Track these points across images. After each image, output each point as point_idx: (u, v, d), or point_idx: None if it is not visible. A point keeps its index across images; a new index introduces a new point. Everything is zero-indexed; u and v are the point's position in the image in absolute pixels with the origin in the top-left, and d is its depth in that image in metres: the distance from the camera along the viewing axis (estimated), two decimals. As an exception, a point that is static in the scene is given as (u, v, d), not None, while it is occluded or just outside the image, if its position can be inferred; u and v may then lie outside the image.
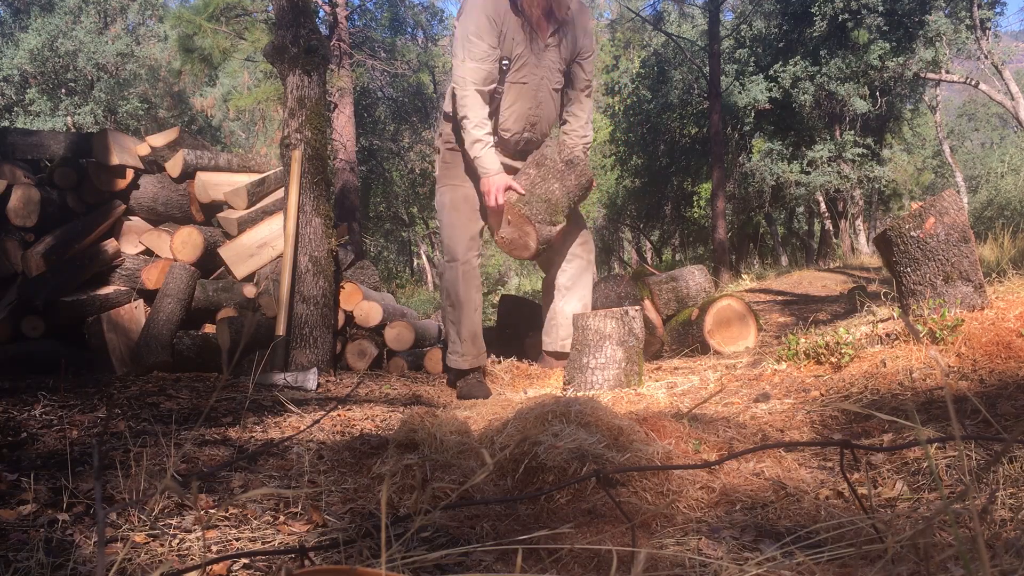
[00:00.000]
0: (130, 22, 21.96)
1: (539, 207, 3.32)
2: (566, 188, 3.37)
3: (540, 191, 3.33)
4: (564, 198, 3.37)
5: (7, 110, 19.10)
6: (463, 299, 3.43)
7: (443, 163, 3.56)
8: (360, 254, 6.65)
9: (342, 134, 12.49)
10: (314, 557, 1.29)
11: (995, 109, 25.53)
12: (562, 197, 3.36)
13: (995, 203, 19.86)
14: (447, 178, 3.53)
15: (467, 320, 3.43)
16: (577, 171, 3.42)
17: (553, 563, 1.25)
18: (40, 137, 4.34)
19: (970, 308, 2.72)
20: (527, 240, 3.36)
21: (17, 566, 1.22)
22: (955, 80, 15.53)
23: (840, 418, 2.14)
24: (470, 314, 3.44)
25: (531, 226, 3.31)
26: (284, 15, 4.02)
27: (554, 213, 3.35)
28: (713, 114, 13.67)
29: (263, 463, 1.94)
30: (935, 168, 22.28)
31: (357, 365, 4.20)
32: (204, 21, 11.75)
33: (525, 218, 3.30)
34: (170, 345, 3.84)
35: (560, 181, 3.36)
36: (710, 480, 1.62)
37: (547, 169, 3.37)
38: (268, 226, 4.32)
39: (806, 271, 10.63)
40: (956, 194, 2.92)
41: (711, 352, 4.07)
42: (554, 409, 1.83)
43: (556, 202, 3.34)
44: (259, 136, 21.39)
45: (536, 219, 3.30)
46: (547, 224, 3.34)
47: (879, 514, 1.38)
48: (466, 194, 3.48)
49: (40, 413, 2.47)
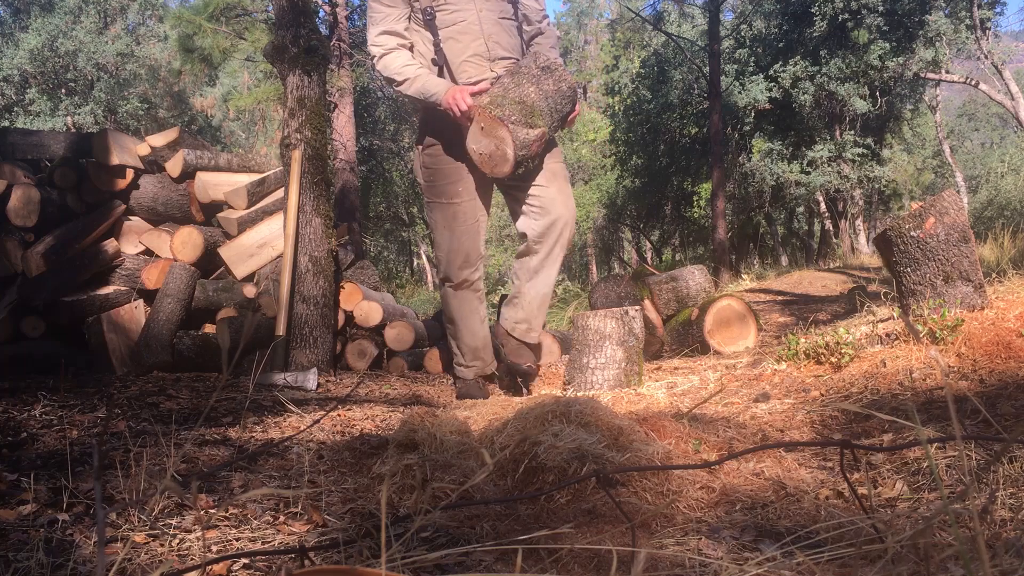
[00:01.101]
0: (130, 22, 21.97)
1: (513, 108, 2.92)
2: (543, 91, 3.00)
3: (514, 95, 2.95)
4: (542, 101, 2.99)
5: (7, 110, 19.11)
6: (458, 318, 3.32)
7: (426, 181, 3.31)
8: (360, 254, 6.65)
9: (342, 134, 12.49)
10: (314, 557, 1.29)
11: (995, 109, 25.53)
12: (539, 100, 2.98)
13: (995, 203, 19.87)
14: (432, 194, 3.28)
15: (467, 336, 3.33)
16: (555, 76, 3.03)
17: (553, 563, 1.25)
18: (40, 137, 4.34)
19: (970, 308, 2.72)
20: (504, 148, 2.94)
21: (17, 566, 1.22)
22: (955, 80, 15.53)
23: (840, 418, 2.14)
24: (469, 331, 3.32)
25: (505, 129, 2.90)
26: (284, 15, 4.02)
27: (531, 115, 2.95)
28: (713, 114, 13.67)
29: (263, 463, 1.94)
30: (935, 168, 22.27)
31: (357, 365, 4.20)
32: (204, 21, 11.75)
33: (498, 120, 2.90)
34: (170, 345, 3.84)
35: (536, 84, 2.99)
36: (710, 480, 1.62)
37: (521, 75, 3.01)
38: (268, 226, 4.32)
39: (806, 271, 10.63)
40: (956, 194, 2.92)
41: (711, 352, 4.07)
42: (554, 409, 1.83)
43: (532, 104, 2.95)
44: (259, 136, 21.40)
45: (510, 119, 2.90)
46: (523, 126, 2.93)
47: (879, 514, 1.38)
48: (456, 211, 3.20)
49: (40, 413, 2.47)
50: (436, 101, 3.00)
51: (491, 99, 2.93)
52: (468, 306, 3.30)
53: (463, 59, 3.06)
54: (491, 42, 3.07)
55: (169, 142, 4.35)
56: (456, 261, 3.22)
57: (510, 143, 2.91)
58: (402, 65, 3.02)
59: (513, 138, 2.90)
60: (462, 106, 2.93)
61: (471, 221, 3.22)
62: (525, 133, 2.93)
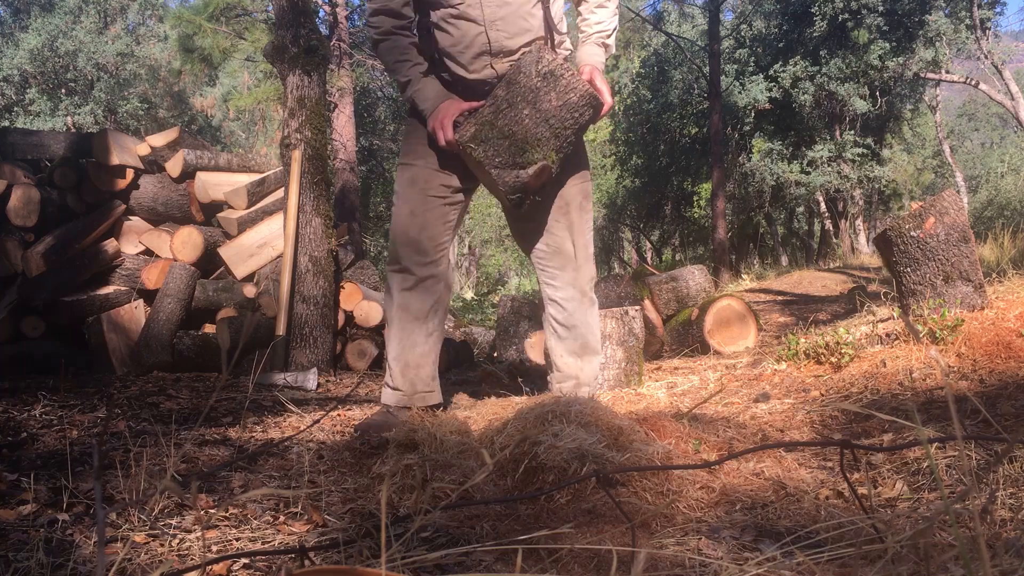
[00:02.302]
0: (130, 22, 21.98)
1: (499, 145, 2.29)
2: (542, 112, 2.28)
3: (502, 122, 2.29)
4: (540, 126, 2.28)
5: (7, 110, 19.11)
6: (396, 319, 2.46)
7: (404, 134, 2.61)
8: (360, 254, 6.65)
9: (342, 134, 12.49)
10: (314, 557, 1.29)
11: (995, 109, 25.53)
12: (536, 125, 2.27)
13: (995, 203, 19.88)
14: (402, 153, 2.56)
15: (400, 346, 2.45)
16: (560, 87, 2.28)
17: (553, 563, 1.25)
18: (40, 137, 4.34)
19: (970, 308, 2.72)
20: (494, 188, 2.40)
21: (17, 566, 1.22)
22: (955, 80, 15.53)
23: (840, 418, 2.14)
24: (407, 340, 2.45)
25: (484, 173, 2.35)
26: (284, 15, 4.03)
27: (521, 151, 2.29)
28: (713, 114, 13.68)
29: (263, 463, 1.95)
30: (935, 168, 22.28)
31: (357, 365, 4.20)
32: (204, 21, 11.76)
33: (478, 164, 2.34)
34: (170, 345, 3.84)
35: (532, 104, 2.27)
36: (710, 480, 1.62)
37: (516, 88, 2.29)
38: (268, 226, 4.32)
39: (806, 271, 10.64)
40: (956, 194, 2.92)
41: (711, 352, 4.07)
42: (554, 409, 1.83)
43: (525, 135, 2.27)
44: (259, 136, 21.39)
45: (494, 162, 2.30)
46: (511, 168, 2.30)
47: (879, 514, 1.38)
48: (414, 175, 2.45)
49: (40, 413, 2.47)
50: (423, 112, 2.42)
51: (476, 129, 2.31)
52: (414, 307, 2.43)
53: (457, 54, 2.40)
54: (494, 31, 2.34)
55: (169, 142, 4.35)
56: (400, 240, 2.43)
57: (498, 187, 2.36)
58: (394, 61, 2.45)
59: (500, 182, 2.34)
60: (442, 140, 2.34)
61: (431, 193, 2.44)
62: (514, 176, 2.33)
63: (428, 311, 2.45)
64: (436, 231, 2.44)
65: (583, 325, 2.57)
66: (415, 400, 2.45)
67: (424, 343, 2.46)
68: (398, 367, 2.45)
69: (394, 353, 2.46)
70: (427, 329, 2.46)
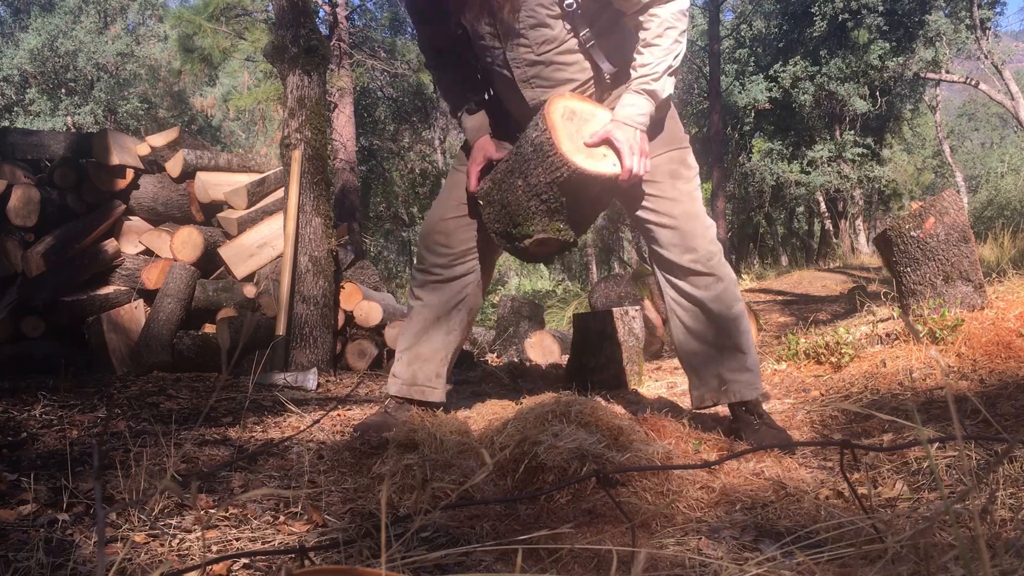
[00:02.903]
0: (130, 22, 21.98)
1: (496, 213, 2.15)
2: (531, 187, 2.05)
3: (503, 188, 2.13)
4: (532, 200, 2.05)
5: (7, 110, 19.12)
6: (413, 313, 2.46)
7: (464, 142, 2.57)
8: (360, 254, 6.66)
9: (342, 134, 12.49)
10: (314, 557, 1.29)
11: (995, 109, 25.52)
12: (527, 200, 2.06)
13: (995, 203, 19.85)
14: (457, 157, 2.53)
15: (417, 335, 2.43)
16: (546, 163, 2.01)
17: (553, 563, 1.25)
18: (40, 137, 4.34)
19: (970, 308, 2.72)
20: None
21: (17, 566, 1.22)
22: (955, 80, 15.54)
23: (840, 418, 2.14)
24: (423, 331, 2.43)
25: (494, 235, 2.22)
26: (284, 15, 4.03)
27: (513, 223, 2.11)
28: (713, 114, 13.68)
29: (263, 463, 1.95)
30: (935, 168, 22.28)
31: (357, 365, 4.20)
32: (204, 21, 11.76)
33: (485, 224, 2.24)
34: (170, 345, 3.84)
35: (523, 176, 2.07)
36: (710, 480, 1.62)
37: (519, 153, 2.11)
38: (268, 226, 4.32)
39: (806, 271, 10.64)
40: (956, 194, 2.92)
41: (711, 352, 4.06)
42: (554, 409, 1.84)
43: (516, 208, 2.08)
44: (259, 136, 21.40)
45: (492, 227, 2.18)
46: (506, 238, 2.16)
47: (879, 514, 1.38)
48: (457, 181, 2.42)
49: (40, 413, 2.47)
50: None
51: (488, 187, 2.18)
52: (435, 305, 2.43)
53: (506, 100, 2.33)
54: (530, 89, 2.22)
55: (169, 142, 4.35)
56: (426, 241, 2.45)
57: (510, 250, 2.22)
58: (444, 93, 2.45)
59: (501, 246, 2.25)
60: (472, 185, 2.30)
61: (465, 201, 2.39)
62: (510, 245, 2.19)
63: (451, 309, 2.42)
64: (464, 235, 2.40)
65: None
66: (413, 392, 2.40)
67: (439, 340, 2.43)
68: (406, 357, 2.43)
69: (404, 344, 2.44)
70: (446, 327, 2.43)
